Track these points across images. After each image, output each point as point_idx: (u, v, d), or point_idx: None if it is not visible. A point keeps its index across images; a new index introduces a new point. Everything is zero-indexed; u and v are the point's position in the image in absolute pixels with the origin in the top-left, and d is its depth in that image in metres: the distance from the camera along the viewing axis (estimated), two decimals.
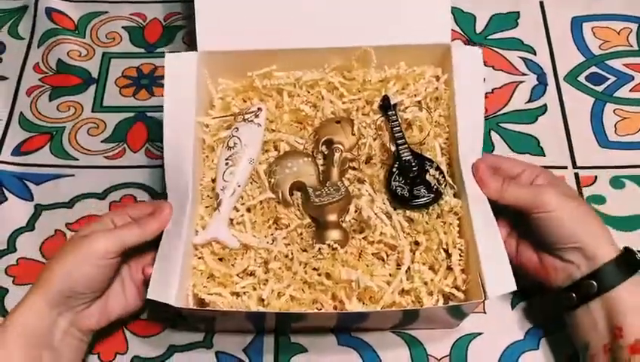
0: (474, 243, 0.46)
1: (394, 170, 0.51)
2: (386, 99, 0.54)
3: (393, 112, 0.53)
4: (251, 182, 0.52)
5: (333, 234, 0.48)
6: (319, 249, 0.48)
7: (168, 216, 0.47)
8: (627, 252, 0.45)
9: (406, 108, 0.54)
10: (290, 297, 0.47)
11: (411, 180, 0.50)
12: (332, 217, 0.49)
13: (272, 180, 0.51)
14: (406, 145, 0.51)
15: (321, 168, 0.52)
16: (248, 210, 0.51)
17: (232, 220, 0.50)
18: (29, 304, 0.43)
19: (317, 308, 0.48)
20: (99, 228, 0.47)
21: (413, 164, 0.50)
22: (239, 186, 0.50)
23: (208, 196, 0.52)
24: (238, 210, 0.50)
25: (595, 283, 0.44)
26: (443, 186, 0.50)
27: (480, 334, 0.52)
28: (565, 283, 0.46)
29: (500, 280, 0.44)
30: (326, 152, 0.53)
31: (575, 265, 0.45)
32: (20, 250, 0.57)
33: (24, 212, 0.59)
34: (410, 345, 0.52)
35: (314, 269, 0.49)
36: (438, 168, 0.51)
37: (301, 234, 0.50)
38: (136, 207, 0.50)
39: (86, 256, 0.44)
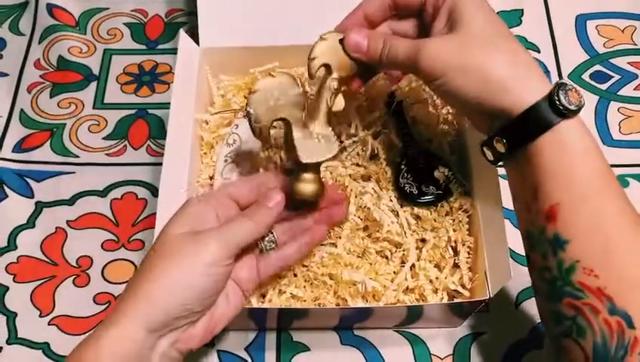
0: (482, 241, 0.46)
1: (402, 167, 0.50)
2: (392, 96, 0.53)
3: (400, 109, 0.53)
4: None
5: (308, 189, 0.42)
6: (321, 257, 0.47)
7: (281, 205, 0.41)
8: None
9: (413, 105, 0.54)
10: (292, 295, 0.47)
11: (420, 177, 0.50)
12: (311, 173, 0.42)
13: (250, 110, 0.41)
14: (414, 143, 0.51)
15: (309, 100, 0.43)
16: None
17: None
18: (122, 330, 0.35)
19: (319, 304, 0.47)
20: (201, 221, 0.39)
21: (421, 161, 0.50)
22: None
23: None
24: None
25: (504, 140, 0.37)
26: (452, 183, 0.49)
27: (483, 333, 0.52)
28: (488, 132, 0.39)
29: (500, 277, 0.43)
30: (320, 81, 0.43)
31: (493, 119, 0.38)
32: (20, 248, 0.57)
33: (25, 209, 0.59)
34: (413, 343, 0.51)
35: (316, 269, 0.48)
36: (446, 165, 0.50)
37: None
38: (237, 185, 0.42)
39: (194, 265, 0.36)
